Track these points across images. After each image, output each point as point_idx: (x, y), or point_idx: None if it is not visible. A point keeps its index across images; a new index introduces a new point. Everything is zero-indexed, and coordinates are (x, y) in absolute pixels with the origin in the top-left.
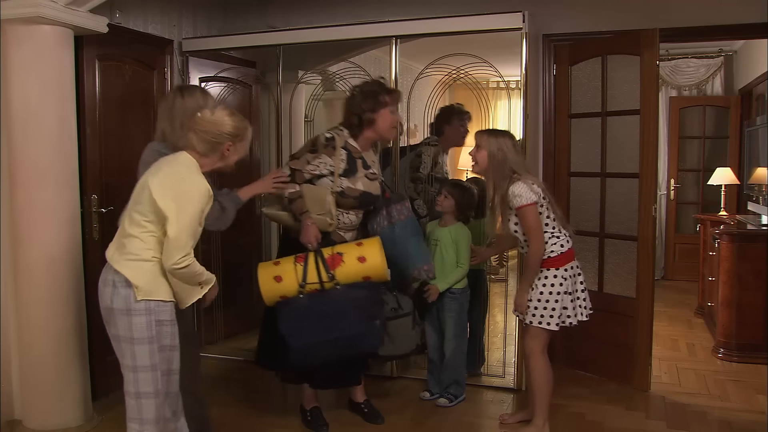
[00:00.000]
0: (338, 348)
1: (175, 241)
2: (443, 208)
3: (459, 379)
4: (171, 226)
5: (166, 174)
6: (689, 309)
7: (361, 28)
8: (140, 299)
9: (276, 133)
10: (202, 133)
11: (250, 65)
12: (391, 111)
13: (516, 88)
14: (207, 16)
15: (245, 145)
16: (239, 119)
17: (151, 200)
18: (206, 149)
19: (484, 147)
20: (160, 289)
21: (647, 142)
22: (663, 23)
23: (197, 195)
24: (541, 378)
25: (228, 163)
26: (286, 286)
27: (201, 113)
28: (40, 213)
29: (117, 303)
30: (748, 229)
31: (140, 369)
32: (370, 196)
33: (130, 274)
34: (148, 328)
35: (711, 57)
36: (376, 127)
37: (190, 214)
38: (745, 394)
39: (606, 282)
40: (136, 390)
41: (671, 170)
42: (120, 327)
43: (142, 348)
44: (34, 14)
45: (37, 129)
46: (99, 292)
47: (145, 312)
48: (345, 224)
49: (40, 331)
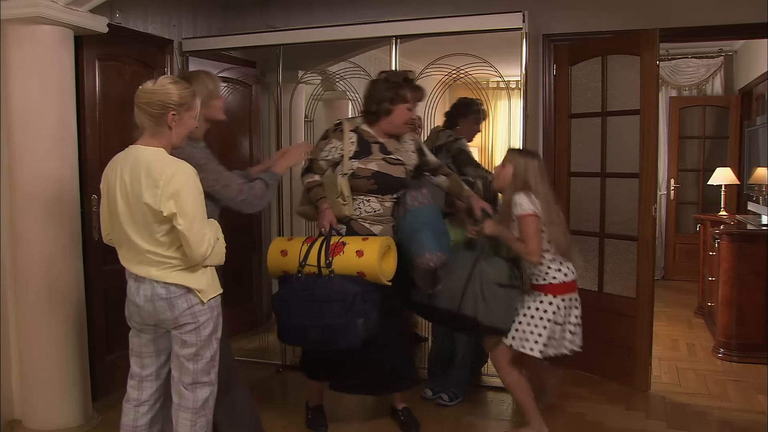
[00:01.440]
0: (318, 336)
1: (191, 235)
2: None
3: (465, 378)
4: (180, 224)
5: (147, 182)
6: (689, 309)
7: (361, 28)
8: (206, 301)
9: (276, 133)
10: (145, 106)
11: (250, 65)
12: (409, 108)
13: (516, 88)
14: (207, 16)
15: (193, 115)
16: (183, 86)
17: (154, 212)
18: (152, 124)
19: (511, 164)
20: (214, 284)
21: (647, 142)
22: (663, 23)
23: (187, 180)
24: (521, 390)
25: (176, 138)
26: (289, 262)
27: (142, 86)
28: (40, 213)
29: (179, 312)
30: (748, 229)
31: (202, 360)
32: (389, 178)
33: (188, 281)
34: (213, 324)
35: (711, 57)
36: (390, 119)
37: (191, 204)
38: (745, 394)
39: (606, 282)
40: (194, 380)
41: (671, 170)
42: (186, 330)
43: (208, 342)
44: (34, 14)
45: (37, 129)
46: (138, 310)
47: (209, 310)
48: (368, 213)
49: (40, 331)
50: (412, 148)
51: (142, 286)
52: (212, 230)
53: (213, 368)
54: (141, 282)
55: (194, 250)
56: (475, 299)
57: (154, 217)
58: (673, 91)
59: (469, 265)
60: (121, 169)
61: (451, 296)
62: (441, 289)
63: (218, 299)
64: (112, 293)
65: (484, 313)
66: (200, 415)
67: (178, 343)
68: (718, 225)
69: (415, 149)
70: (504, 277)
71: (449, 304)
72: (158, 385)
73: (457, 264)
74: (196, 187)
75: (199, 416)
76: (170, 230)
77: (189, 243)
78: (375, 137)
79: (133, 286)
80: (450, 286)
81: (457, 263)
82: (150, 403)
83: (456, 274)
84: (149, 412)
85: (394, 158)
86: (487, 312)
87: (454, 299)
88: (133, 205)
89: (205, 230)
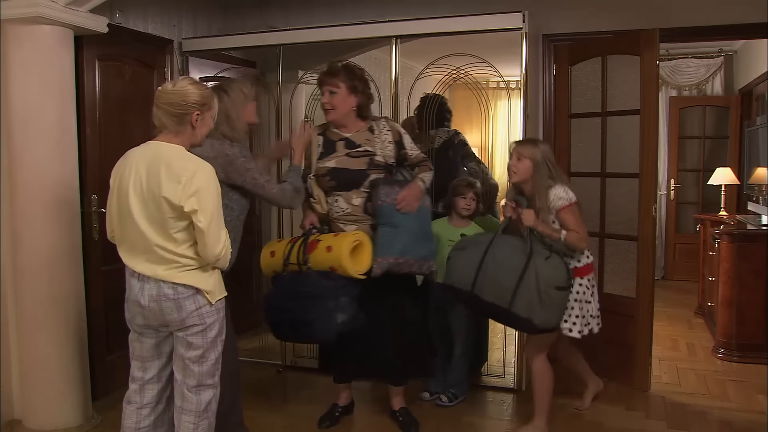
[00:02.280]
0: (298, 330)
1: (209, 234)
2: (469, 211)
3: (463, 378)
4: (200, 221)
5: (168, 177)
6: (689, 309)
7: (361, 28)
8: (214, 302)
9: (276, 133)
10: (167, 106)
11: (250, 65)
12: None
13: (516, 88)
14: (207, 16)
15: (213, 115)
16: (203, 87)
17: (174, 207)
18: (174, 123)
19: (527, 157)
20: (221, 286)
21: (647, 142)
22: (663, 23)
23: (209, 179)
24: (544, 380)
25: (199, 137)
26: (277, 262)
27: (162, 86)
28: (40, 213)
29: (187, 313)
30: (748, 229)
31: (207, 362)
32: (347, 172)
33: (197, 282)
34: (219, 326)
35: (711, 57)
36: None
37: (212, 203)
38: (745, 394)
39: (606, 282)
40: (199, 382)
41: (671, 170)
42: (192, 332)
43: (213, 344)
44: (34, 14)
45: (37, 129)
46: (141, 311)
47: (216, 312)
48: (339, 213)
49: (40, 331)
50: (389, 139)
51: (147, 285)
52: (227, 234)
53: (217, 370)
54: (145, 281)
55: (210, 249)
56: (530, 300)
57: (172, 212)
58: (673, 91)
59: (523, 259)
60: (137, 164)
61: (501, 290)
62: (487, 279)
63: (224, 301)
64: (112, 293)
65: (540, 315)
66: (203, 417)
67: (183, 345)
68: (718, 225)
69: (393, 140)
70: (562, 280)
71: (498, 298)
72: (160, 388)
73: (505, 253)
74: (216, 187)
75: (202, 419)
76: (186, 227)
77: (206, 242)
78: (340, 134)
79: (137, 285)
80: (499, 278)
81: (505, 252)
82: (152, 405)
83: (506, 266)
84: (151, 414)
85: (361, 150)
86: (543, 314)
87: (504, 295)
88: (147, 200)
89: (222, 231)
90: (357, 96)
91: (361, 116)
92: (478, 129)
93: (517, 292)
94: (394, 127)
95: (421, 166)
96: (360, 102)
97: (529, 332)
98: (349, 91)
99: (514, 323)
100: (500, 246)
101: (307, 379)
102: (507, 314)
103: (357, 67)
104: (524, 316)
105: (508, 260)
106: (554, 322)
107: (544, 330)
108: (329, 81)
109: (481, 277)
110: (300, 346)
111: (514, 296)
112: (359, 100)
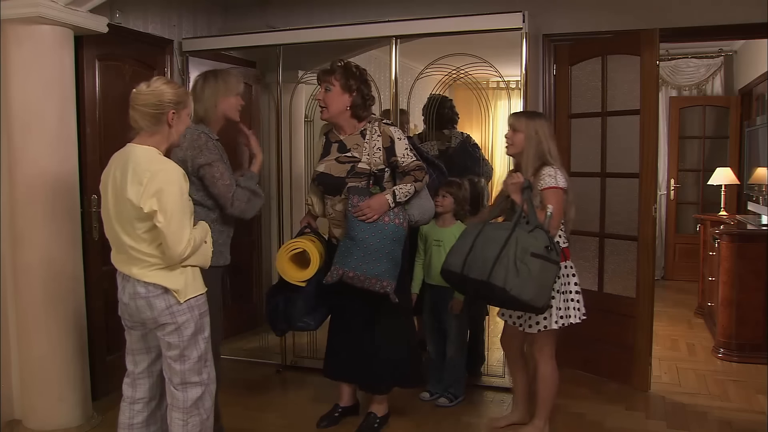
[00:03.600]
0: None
1: (169, 234)
2: (444, 208)
3: (460, 378)
4: (159, 221)
5: (132, 179)
6: (689, 309)
7: (361, 28)
8: (183, 301)
9: (276, 133)
10: (142, 107)
11: (250, 65)
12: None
13: (516, 88)
14: (207, 16)
15: (188, 112)
16: (177, 86)
17: (135, 208)
18: (151, 124)
19: (522, 130)
20: (195, 284)
21: (647, 142)
22: (663, 23)
23: (171, 180)
24: (551, 384)
25: (176, 135)
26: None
27: (136, 89)
28: (40, 213)
29: (158, 311)
30: (748, 229)
31: (188, 360)
32: (330, 177)
33: (164, 281)
34: (195, 324)
35: (711, 57)
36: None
37: (173, 203)
38: (745, 394)
39: (606, 282)
40: (183, 380)
41: (671, 170)
42: (167, 331)
43: (192, 342)
44: (34, 14)
45: (37, 129)
46: (125, 308)
47: (188, 310)
48: (330, 214)
49: (40, 331)
50: (378, 144)
51: (127, 284)
52: (200, 232)
53: (204, 368)
54: (126, 280)
55: (171, 248)
56: (507, 268)
57: (135, 213)
58: (673, 91)
59: (507, 233)
60: (114, 167)
61: (484, 264)
62: (474, 257)
63: (201, 299)
64: (112, 293)
65: (514, 283)
66: (192, 414)
67: (164, 345)
68: (718, 225)
69: (383, 146)
70: (540, 248)
71: (480, 273)
72: (151, 383)
73: (494, 230)
74: (180, 187)
75: (191, 416)
76: (151, 227)
77: (167, 241)
78: (338, 136)
79: (120, 284)
80: (485, 254)
81: (495, 230)
82: (145, 401)
83: (492, 240)
84: (144, 410)
85: (348, 156)
86: (517, 282)
87: (486, 267)
88: (119, 201)
89: (184, 230)
90: (351, 95)
91: (356, 117)
92: (478, 129)
93: (496, 262)
94: (385, 132)
95: (409, 175)
96: (354, 101)
97: (510, 307)
98: (342, 90)
99: (493, 295)
100: (492, 226)
101: (307, 379)
102: (486, 286)
103: (357, 67)
104: (500, 285)
105: (495, 235)
106: (531, 297)
107: (522, 305)
108: (325, 78)
109: (471, 258)
110: (300, 346)
111: (493, 267)
112: (353, 100)
